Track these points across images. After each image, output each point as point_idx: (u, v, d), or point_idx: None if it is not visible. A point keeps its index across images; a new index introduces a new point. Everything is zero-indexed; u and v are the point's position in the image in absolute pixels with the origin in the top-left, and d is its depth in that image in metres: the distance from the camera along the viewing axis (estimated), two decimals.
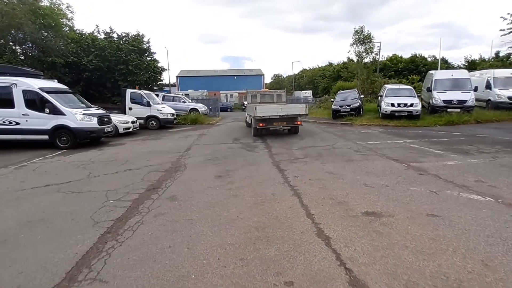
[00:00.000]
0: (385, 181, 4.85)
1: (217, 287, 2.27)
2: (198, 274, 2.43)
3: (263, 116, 9.66)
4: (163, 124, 14.16)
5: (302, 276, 2.37)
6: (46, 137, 8.74)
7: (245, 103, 41.10)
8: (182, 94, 21.98)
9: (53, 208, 4.07)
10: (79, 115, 8.68)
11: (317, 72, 57.56)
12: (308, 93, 46.86)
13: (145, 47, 21.93)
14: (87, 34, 19.90)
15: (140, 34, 21.79)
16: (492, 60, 31.49)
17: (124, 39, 21.20)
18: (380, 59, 33.33)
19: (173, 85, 48.41)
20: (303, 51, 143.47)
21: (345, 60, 48.49)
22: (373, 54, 23.47)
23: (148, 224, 3.46)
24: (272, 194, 4.43)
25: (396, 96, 14.07)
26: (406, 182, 4.76)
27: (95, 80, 19.41)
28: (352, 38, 22.52)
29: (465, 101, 13.35)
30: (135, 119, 12.32)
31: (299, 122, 10.44)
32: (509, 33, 19.87)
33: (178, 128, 14.98)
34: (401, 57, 47.84)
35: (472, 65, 35.60)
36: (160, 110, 13.94)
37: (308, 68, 65.92)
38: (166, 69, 25.28)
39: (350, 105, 15.23)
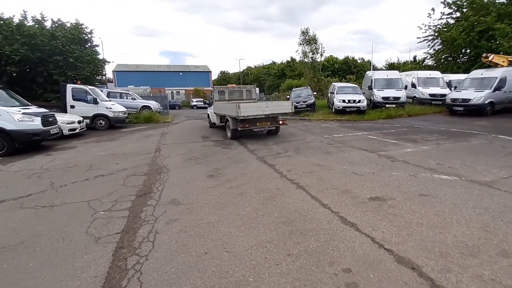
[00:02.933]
0: (369, 169, 5.36)
1: (281, 285, 2.22)
2: (256, 276, 2.33)
3: (247, 116, 8.32)
4: (114, 124, 12.67)
5: (354, 262, 2.49)
6: None
7: (194, 100, 39.89)
8: (130, 91, 19.88)
9: (29, 228, 3.31)
10: (17, 115, 7.10)
11: (262, 70, 59.19)
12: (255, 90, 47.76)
13: (86, 37, 19.02)
14: (9, 20, 16.01)
15: (80, 23, 18.82)
16: (411, 63, 37.21)
17: (60, 27, 17.91)
18: (320, 60, 36.10)
19: (110, 81, 43.54)
20: (246, 49, 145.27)
21: (289, 59, 51.29)
22: (319, 54, 25.34)
23: (165, 232, 3.12)
24: (276, 189, 4.46)
25: (345, 94, 15.54)
26: (386, 169, 5.35)
27: (21, 74, 15.96)
28: (299, 38, 23.79)
29: (399, 98, 15.55)
30: (81, 118, 10.69)
31: (283, 122, 9.36)
32: (423, 40, 23.81)
33: (131, 127, 13.59)
34: (336, 58, 52.82)
35: (391, 67, 41.63)
36: (110, 108, 12.40)
37: (253, 66, 67.22)
38: (109, 62, 22.48)
39: (305, 102, 16.19)
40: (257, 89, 22.63)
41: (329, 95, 18.05)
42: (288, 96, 18.23)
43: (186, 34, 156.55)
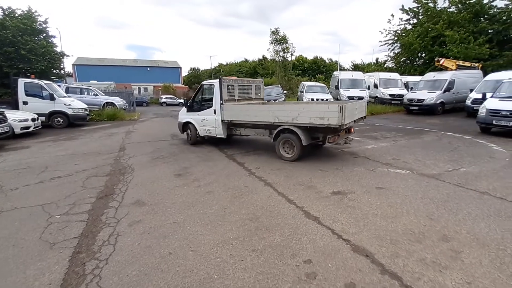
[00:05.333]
0: (333, 165, 5.65)
1: (245, 280, 2.28)
2: (220, 273, 2.36)
3: (346, 124, 5.41)
4: (73, 122, 11.79)
5: (314, 253, 2.64)
6: None
7: (163, 97, 38.36)
8: (91, 87, 18.55)
9: None
10: None
11: (234, 68, 58.89)
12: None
13: (40, 27, 17.30)
14: None
15: (33, 11, 17.05)
16: (373, 65, 39.49)
17: (10, 16, 16.07)
18: (290, 59, 36.83)
19: (69, 75, 40.34)
20: (218, 46, 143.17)
21: (261, 57, 51.68)
22: (289, 53, 25.87)
23: (128, 234, 3.03)
24: (245, 186, 4.52)
25: (314, 92, 16.10)
26: (349, 164, 5.67)
27: None
28: (270, 37, 24.06)
29: (363, 97, 16.44)
30: (35, 116, 9.78)
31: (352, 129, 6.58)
32: (384, 44, 25.41)
33: (93, 125, 12.76)
34: (306, 58, 54.32)
35: (356, 68, 43.95)
36: (69, 105, 11.50)
37: (225, 63, 66.58)
38: (68, 55, 20.72)
39: (276, 100, 16.42)
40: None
41: (299, 93, 18.53)
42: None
43: (155, 28, 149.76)
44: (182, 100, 36.24)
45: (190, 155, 6.82)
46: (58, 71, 21.23)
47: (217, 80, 7.07)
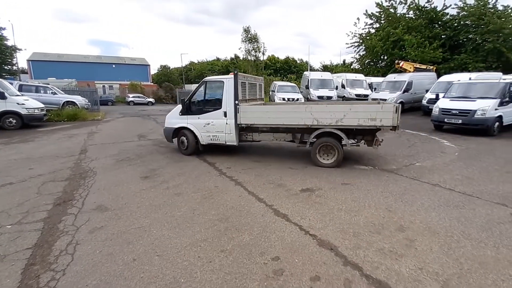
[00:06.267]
0: (303, 163, 5.80)
1: (213, 281, 2.27)
2: (187, 276, 2.32)
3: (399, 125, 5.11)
4: (28, 123, 10.79)
5: (282, 249, 2.70)
6: None
7: (131, 96, 36.51)
8: (49, 84, 17.05)
9: None
10: None
11: (206, 66, 58.01)
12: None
13: None
14: None
15: None
16: (341, 66, 41.23)
17: None
18: (262, 58, 37.17)
19: (24, 72, 36.84)
20: (189, 44, 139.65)
21: (233, 56, 51.54)
22: (261, 53, 26.07)
23: (88, 242, 2.85)
24: (215, 187, 4.48)
25: (285, 92, 16.41)
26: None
27: None
28: (242, 36, 24.07)
29: (331, 97, 17.12)
30: None
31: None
32: (351, 46, 26.65)
33: (51, 126, 11.78)
34: (278, 58, 55.18)
35: (325, 69, 45.70)
36: (23, 104, 10.48)
37: (196, 62, 65.27)
38: (20, 49, 18.86)
39: None
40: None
41: (270, 93, 18.76)
42: None
43: (121, 23, 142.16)
44: (151, 99, 34.99)
45: (158, 156, 6.59)
46: (9, 67, 19.32)
47: (229, 76, 6.03)
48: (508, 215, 3.35)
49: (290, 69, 53.20)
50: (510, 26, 17.56)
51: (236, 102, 5.85)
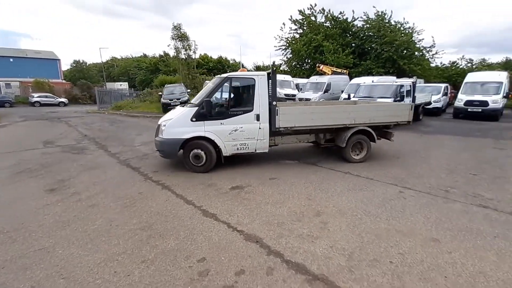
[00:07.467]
0: (233, 161, 5.88)
1: None
2: None
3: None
4: None
5: (209, 250, 2.68)
6: None
7: (35, 95, 30.44)
8: None
9: None
10: None
11: (132, 63, 53.24)
12: (124, 85, 42.45)
13: None
14: None
15: None
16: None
17: None
18: (194, 57, 36.19)
19: None
20: (110, 38, 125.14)
21: (162, 53, 48.49)
22: (191, 51, 25.27)
23: None
24: (138, 193, 4.15)
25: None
26: (247, 159, 6.04)
27: None
28: (171, 33, 22.96)
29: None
30: None
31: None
32: (279, 49, 28.33)
33: None
34: (211, 57, 54.55)
35: (258, 69, 47.52)
36: None
37: (120, 58, 59.17)
38: None
39: (179, 99, 15.80)
40: (125, 83, 18.81)
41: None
42: (161, 93, 17.26)
43: (20, 8, 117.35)
44: (63, 100, 30.06)
45: (69, 164, 5.73)
46: None
47: (262, 72, 5.30)
48: (397, 192, 4.09)
49: (224, 69, 53.19)
50: (400, 38, 21.46)
51: (275, 103, 5.18)
